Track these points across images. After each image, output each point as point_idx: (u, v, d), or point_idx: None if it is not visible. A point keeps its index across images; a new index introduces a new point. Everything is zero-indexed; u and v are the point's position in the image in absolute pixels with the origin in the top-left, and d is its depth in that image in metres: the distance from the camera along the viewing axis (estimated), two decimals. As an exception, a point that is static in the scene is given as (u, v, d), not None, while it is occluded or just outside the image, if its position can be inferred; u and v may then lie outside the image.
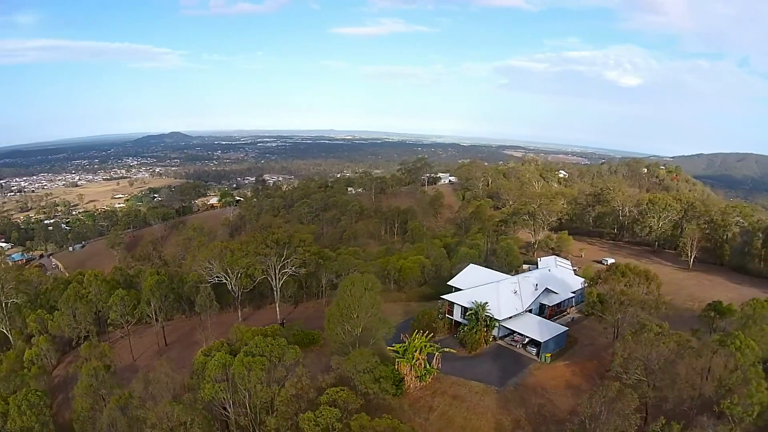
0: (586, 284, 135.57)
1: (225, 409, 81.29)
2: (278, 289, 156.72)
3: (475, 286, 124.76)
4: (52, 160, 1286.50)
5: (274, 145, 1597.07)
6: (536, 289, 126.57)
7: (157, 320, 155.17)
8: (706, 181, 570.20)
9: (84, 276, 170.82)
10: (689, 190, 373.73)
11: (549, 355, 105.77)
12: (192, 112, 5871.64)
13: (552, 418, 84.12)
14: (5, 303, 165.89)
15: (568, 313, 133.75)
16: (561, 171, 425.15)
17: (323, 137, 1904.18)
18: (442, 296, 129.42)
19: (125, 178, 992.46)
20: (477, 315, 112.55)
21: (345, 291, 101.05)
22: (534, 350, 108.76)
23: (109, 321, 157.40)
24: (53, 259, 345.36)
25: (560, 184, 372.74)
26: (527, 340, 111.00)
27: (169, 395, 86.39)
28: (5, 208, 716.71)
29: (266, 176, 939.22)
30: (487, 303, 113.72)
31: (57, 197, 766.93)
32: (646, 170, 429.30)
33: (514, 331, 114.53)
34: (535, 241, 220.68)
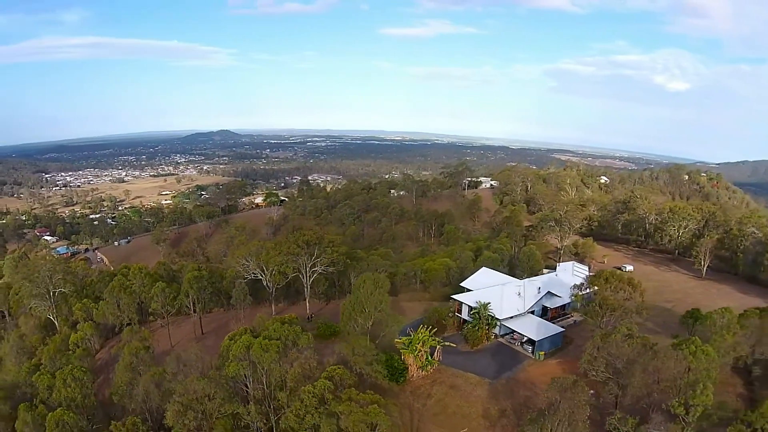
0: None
1: (246, 385, 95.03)
2: (308, 286, 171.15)
3: (484, 287, 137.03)
4: (98, 155, 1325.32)
5: (323, 144, 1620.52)
6: (539, 292, 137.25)
7: (194, 311, 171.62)
8: (749, 189, 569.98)
9: (129, 269, 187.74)
10: (728, 198, 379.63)
11: (543, 353, 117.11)
12: (241, 110, 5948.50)
13: (534, 409, 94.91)
14: (53, 292, 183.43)
15: (572, 316, 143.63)
16: (603, 177, 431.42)
17: (373, 138, 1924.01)
18: (452, 296, 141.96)
19: (172, 175, 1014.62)
20: (479, 314, 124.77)
21: (358, 288, 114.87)
22: (530, 348, 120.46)
23: (150, 310, 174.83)
24: (98, 253, 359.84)
25: (601, 189, 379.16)
26: (525, 338, 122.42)
27: (198, 372, 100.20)
28: (50, 202, 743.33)
29: (314, 176, 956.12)
30: (489, 303, 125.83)
31: (103, 192, 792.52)
32: (687, 177, 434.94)
33: (514, 330, 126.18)
34: (562, 246, 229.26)
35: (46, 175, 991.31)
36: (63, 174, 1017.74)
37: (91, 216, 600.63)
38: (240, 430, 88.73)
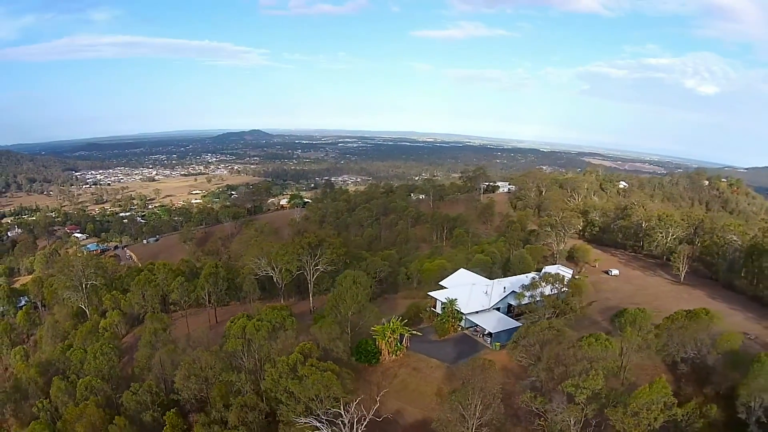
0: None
1: (241, 358, 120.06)
2: (312, 283, 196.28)
3: (458, 286, 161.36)
4: (129, 154, 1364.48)
5: (355, 145, 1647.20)
6: (504, 291, 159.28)
7: (210, 302, 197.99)
8: None
9: (154, 265, 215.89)
10: (748, 204, 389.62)
11: (498, 344, 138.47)
12: (273, 110, 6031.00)
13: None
14: (85, 284, 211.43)
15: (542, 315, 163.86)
16: (622, 182, 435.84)
17: (405, 139, 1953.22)
18: (429, 293, 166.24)
19: (203, 174, 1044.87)
20: (447, 309, 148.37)
21: (340, 284, 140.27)
22: (489, 339, 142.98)
23: (171, 301, 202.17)
24: (127, 251, 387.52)
25: (619, 195, 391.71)
26: (487, 331, 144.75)
27: (203, 348, 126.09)
28: (80, 200, 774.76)
29: (344, 177, 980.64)
30: (457, 299, 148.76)
31: (133, 191, 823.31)
32: (707, 183, 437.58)
33: (477, 324, 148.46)
34: (558, 250, 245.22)
35: (76, 173, 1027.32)
36: (93, 172, 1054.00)
37: (120, 214, 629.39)
38: (233, 394, 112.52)
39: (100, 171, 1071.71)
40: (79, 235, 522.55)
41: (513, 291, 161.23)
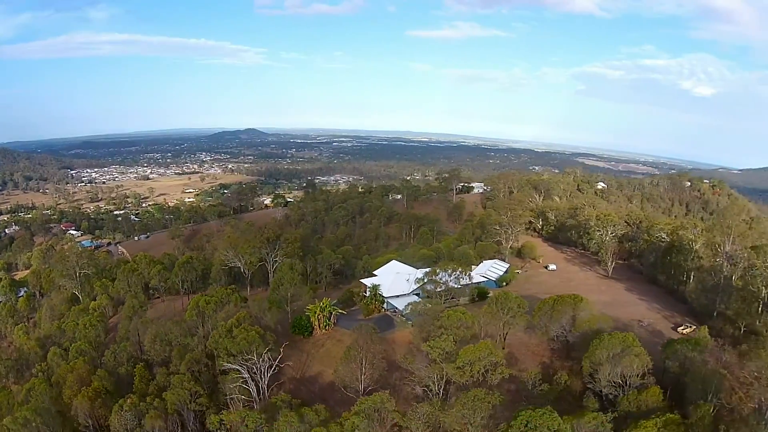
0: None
1: (196, 327, 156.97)
2: (272, 273, 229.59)
3: (386, 274, 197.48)
4: (124, 152, 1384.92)
5: (349, 145, 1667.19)
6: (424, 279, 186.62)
7: (183, 288, 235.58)
8: None
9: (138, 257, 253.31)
10: (729, 205, 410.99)
11: (411, 323, 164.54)
12: (269, 109, 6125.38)
13: (384, 354, 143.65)
14: (79, 273, 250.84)
15: (457, 298, 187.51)
16: (600, 183, 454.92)
17: (400, 138, 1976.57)
18: (360, 280, 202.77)
19: (197, 173, 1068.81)
20: (371, 292, 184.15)
21: (279, 269, 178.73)
22: (404, 318, 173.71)
23: (150, 286, 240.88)
24: (119, 247, 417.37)
25: (597, 195, 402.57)
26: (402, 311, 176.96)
27: (168, 320, 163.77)
28: (76, 198, 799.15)
29: (337, 176, 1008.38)
30: (380, 285, 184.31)
31: (128, 189, 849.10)
32: (689, 184, 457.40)
33: (394, 306, 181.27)
34: (507, 247, 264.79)
35: (72, 171, 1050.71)
36: (88, 170, 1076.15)
37: (115, 212, 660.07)
38: (189, 352, 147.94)
39: (96, 169, 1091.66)
40: (74, 232, 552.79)
41: (430, 279, 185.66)
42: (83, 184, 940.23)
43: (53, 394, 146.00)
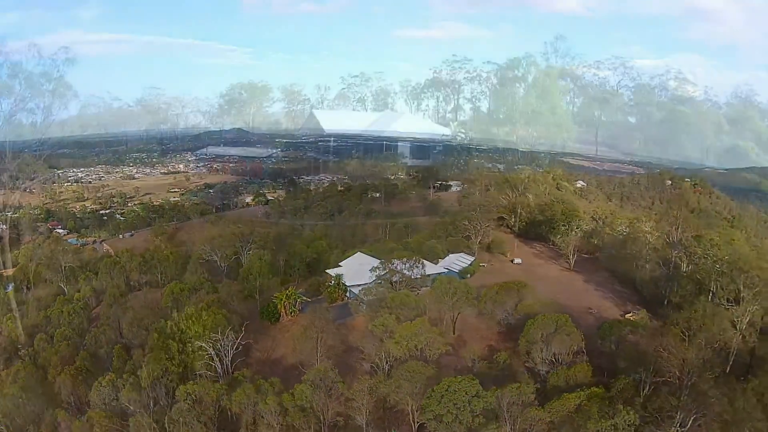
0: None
1: (170, 311, 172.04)
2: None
3: (350, 265, 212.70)
4: (109, 152, 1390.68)
5: (335, 144, 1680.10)
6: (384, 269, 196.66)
7: (162, 281, 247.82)
8: (753, 196, 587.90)
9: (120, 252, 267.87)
10: (711, 204, 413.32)
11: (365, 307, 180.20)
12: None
13: (339, 339, 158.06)
14: (64, 267, 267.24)
15: (419, 290, 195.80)
16: (579, 181, 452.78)
17: (386, 138, 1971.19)
18: (326, 270, 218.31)
19: (182, 172, 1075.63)
20: (334, 282, 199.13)
21: (250, 260, 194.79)
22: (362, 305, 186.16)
23: (131, 278, 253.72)
24: (105, 245, 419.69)
25: (576, 194, 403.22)
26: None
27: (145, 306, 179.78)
28: (62, 197, 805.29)
29: (321, 176, 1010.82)
30: (343, 275, 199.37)
31: (113, 189, 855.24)
32: (670, 182, 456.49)
33: (356, 294, 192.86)
34: (476, 241, 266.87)
35: (58, 171, 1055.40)
36: (75, 170, 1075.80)
37: (101, 211, 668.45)
38: (163, 334, 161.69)
39: (82, 169, 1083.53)
40: (60, 230, 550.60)
41: (391, 269, 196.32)
42: (69, 183, 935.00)
43: (39, 375, 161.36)
